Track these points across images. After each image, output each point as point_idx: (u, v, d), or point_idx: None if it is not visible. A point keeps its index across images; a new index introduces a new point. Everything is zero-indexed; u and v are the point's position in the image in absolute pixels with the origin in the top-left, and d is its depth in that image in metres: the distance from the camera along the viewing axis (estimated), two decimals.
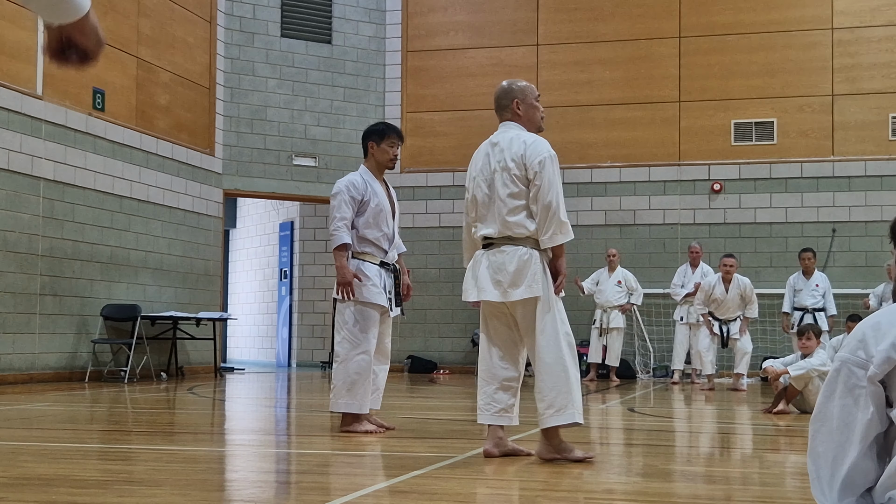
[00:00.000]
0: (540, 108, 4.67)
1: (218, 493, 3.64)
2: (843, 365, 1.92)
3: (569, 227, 4.48)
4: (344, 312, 5.64)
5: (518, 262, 4.45)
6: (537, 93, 4.70)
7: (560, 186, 4.47)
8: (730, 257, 11.23)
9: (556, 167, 4.46)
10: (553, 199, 4.39)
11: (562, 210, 4.42)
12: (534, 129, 4.64)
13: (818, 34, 13.46)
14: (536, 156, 4.43)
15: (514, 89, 4.66)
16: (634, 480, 4.01)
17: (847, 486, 1.90)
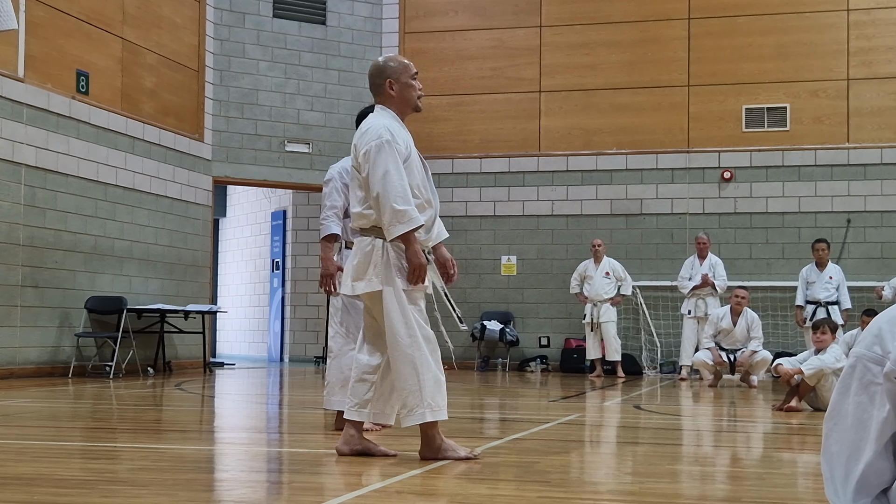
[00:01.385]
0: (416, 86, 4.47)
1: (206, 493, 3.62)
2: (858, 361, 1.87)
3: (409, 214, 4.16)
4: (336, 305, 5.57)
5: (360, 255, 4.34)
6: (414, 70, 4.49)
7: (394, 173, 4.18)
8: (742, 289, 10.93)
9: (388, 154, 4.21)
10: (380, 188, 4.18)
11: (393, 197, 4.16)
12: (410, 109, 4.48)
13: (833, 16, 13.21)
14: (364, 145, 4.28)
15: (387, 68, 4.46)
16: (640, 480, 3.98)
17: (862, 486, 1.86)
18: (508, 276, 14.08)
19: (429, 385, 4.21)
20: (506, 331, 13.59)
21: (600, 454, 5.21)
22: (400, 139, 4.28)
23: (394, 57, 4.53)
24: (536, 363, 13.67)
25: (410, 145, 4.35)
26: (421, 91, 4.50)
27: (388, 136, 4.23)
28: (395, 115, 4.41)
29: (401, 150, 4.25)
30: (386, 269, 4.25)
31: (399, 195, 4.16)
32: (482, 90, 14.19)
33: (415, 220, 4.17)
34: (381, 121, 4.33)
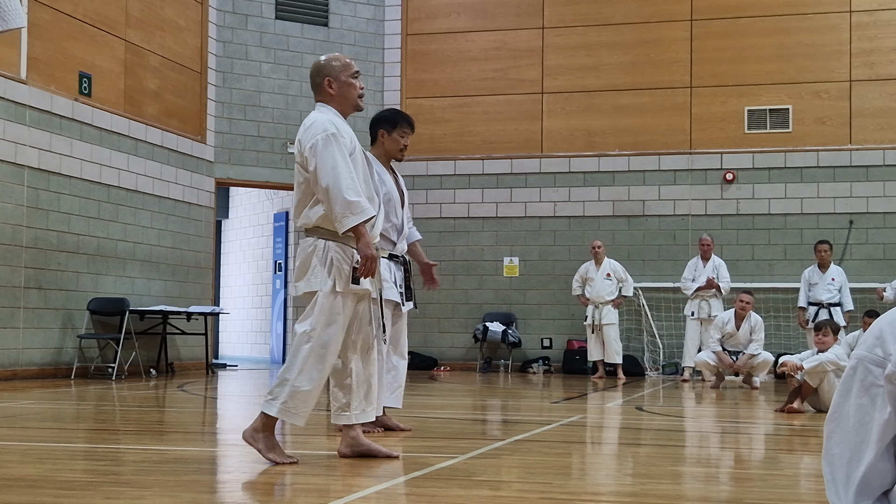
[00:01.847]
0: (357, 85, 4.42)
1: (209, 495, 3.61)
2: (859, 363, 1.87)
3: (360, 205, 4.12)
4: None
5: (303, 255, 4.29)
6: (354, 69, 4.44)
7: (342, 166, 4.13)
8: (748, 294, 10.92)
9: (335, 147, 4.16)
10: (330, 181, 4.12)
11: (344, 189, 4.10)
12: (350, 108, 4.42)
13: (835, 17, 13.18)
14: (309, 140, 4.21)
15: (326, 66, 4.41)
16: (642, 481, 3.97)
17: (863, 488, 1.86)
18: (511, 278, 14.08)
19: (298, 387, 4.17)
20: (508, 332, 13.59)
21: (602, 455, 5.21)
22: (345, 133, 4.25)
23: (335, 56, 4.47)
24: (538, 364, 13.66)
25: (354, 141, 4.32)
26: (362, 90, 4.45)
27: (332, 129, 4.18)
28: (336, 113, 4.37)
29: (346, 143, 4.21)
30: (325, 270, 4.20)
31: (349, 187, 4.10)
32: (484, 91, 14.19)
33: (366, 210, 4.12)
34: (324, 116, 4.28)
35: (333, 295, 4.19)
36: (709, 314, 11.97)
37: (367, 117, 14.36)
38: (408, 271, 5.73)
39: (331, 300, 4.19)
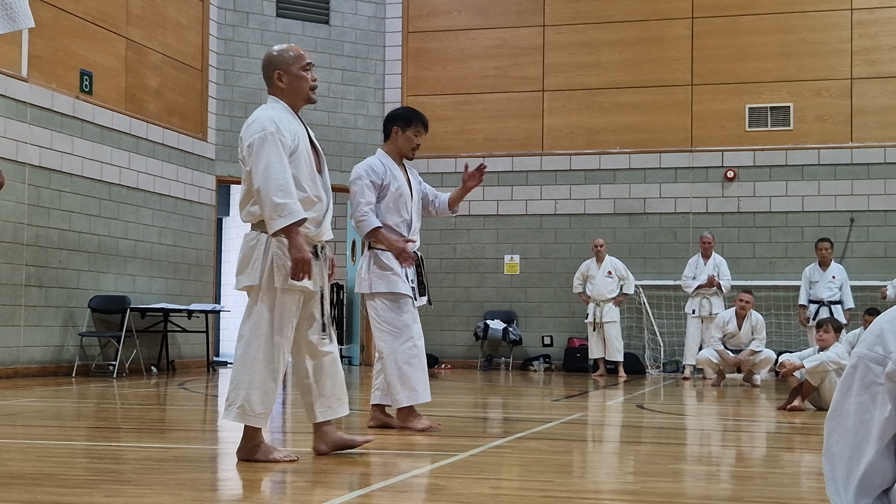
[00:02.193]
0: (308, 77, 4.32)
1: (210, 492, 3.60)
2: (859, 361, 1.88)
3: (289, 208, 4.03)
4: (377, 307, 5.55)
5: (245, 249, 4.23)
6: (306, 60, 4.33)
7: (276, 166, 4.06)
8: (747, 293, 10.91)
9: (271, 146, 4.08)
10: (261, 182, 4.05)
11: (273, 191, 4.03)
12: (301, 101, 4.34)
13: (836, 15, 13.17)
14: (248, 138, 4.14)
15: (276, 59, 4.32)
16: (642, 479, 3.98)
17: (863, 486, 1.86)
18: (511, 276, 14.07)
19: (251, 388, 4.13)
20: (509, 330, 13.58)
21: (603, 453, 5.21)
22: (287, 131, 4.15)
23: (287, 47, 4.37)
24: (539, 362, 13.66)
25: (300, 137, 4.22)
26: (314, 82, 4.35)
27: (272, 128, 4.09)
28: (286, 106, 4.29)
29: (286, 142, 4.12)
30: (265, 265, 4.15)
31: (280, 188, 4.02)
32: (485, 89, 14.18)
33: (295, 213, 4.02)
34: (267, 113, 4.20)
35: (273, 291, 4.14)
36: (710, 312, 11.98)
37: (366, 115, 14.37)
38: (420, 266, 5.71)
39: (271, 296, 4.14)
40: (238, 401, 4.14)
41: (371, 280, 5.55)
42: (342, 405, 4.41)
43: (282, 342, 4.16)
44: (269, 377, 4.15)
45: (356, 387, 10.56)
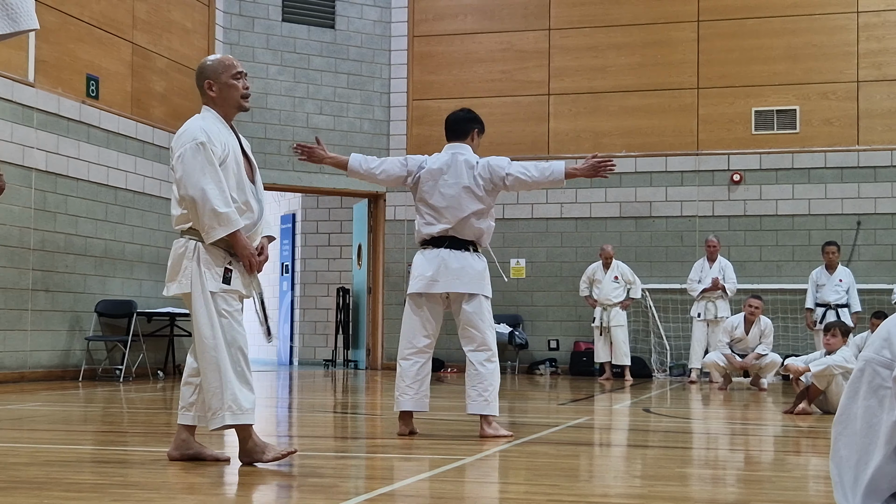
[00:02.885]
0: (239, 85, 4.33)
1: (217, 497, 3.62)
2: (867, 365, 1.87)
3: (229, 216, 4.10)
4: (490, 310, 5.64)
5: (174, 256, 4.26)
6: (236, 69, 4.35)
7: (209, 177, 4.09)
8: (756, 299, 10.89)
9: (202, 157, 4.11)
10: (196, 193, 4.09)
11: (212, 200, 4.07)
12: (233, 110, 4.36)
13: (843, 17, 13.13)
14: (178, 148, 4.18)
15: (206, 68, 4.38)
16: (649, 483, 3.97)
17: (871, 491, 1.85)
18: (517, 279, 14.06)
19: (230, 388, 4.13)
20: (515, 334, 13.57)
21: (610, 457, 5.20)
22: (217, 141, 4.18)
23: (218, 57, 4.40)
24: (546, 366, 13.64)
25: (230, 147, 4.24)
26: (246, 90, 4.36)
27: (203, 137, 4.13)
28: (219, 116, 4.31)
29: (217, 151, 4.15)
30: (196, 271, 4.17)
31: (217, 197, 4.07)
32: (491, 93, 14.17)
33: (234, 222, 4.10)
34: (197, 123, 4.23)
35: (207, 295, 4.14)
36: (715, 315, 11.97)
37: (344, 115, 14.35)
38: None
39: (207, 299, 4.14)
40: (221, 407, 4.12)
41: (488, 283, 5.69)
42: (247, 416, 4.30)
43: (236, 339, 4.17)
44: (241, 375, 4.16)
45: (361, 391, 10.55)
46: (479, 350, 5.53)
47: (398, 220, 14.36)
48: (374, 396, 9.58)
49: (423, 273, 5.56)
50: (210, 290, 4.15)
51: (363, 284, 14.80)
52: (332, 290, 16.03)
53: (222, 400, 4.12)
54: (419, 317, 5.59)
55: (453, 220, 5.54)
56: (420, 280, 5.57)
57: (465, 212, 5.53)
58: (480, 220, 5.60)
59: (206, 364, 4.16)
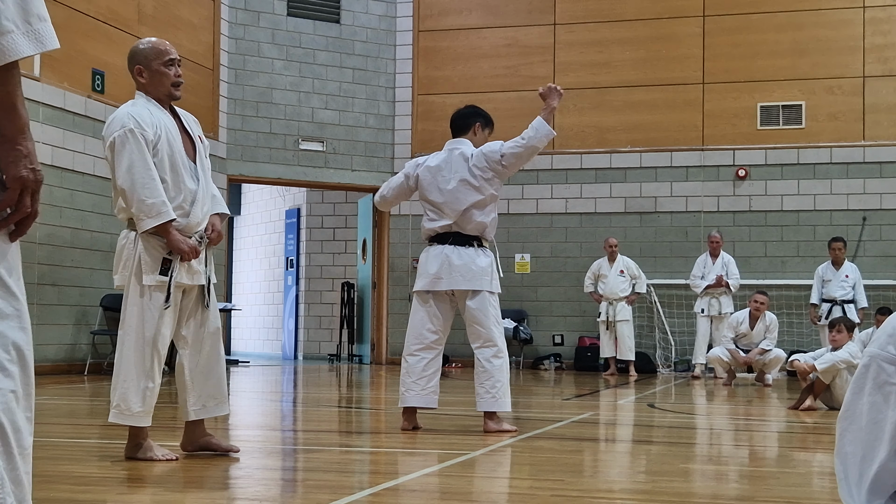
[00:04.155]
0: (170, 72, 4.18)
1: (222, 490, 3.61)
2: (872, 361, 1.87)
3: (157, 207, 4.01)
4: (496, 306, 5.64)
5: (117, 248, 4.23)
6: (168, 56, 4.19)
7: (139, 165, 4.02)
8: (762, 294, 10.89)
9: (131, 144, 4.02)
10: (126, 183, 4.02)
11: (140, 190, 4.00)
12: (164, 97, 4.20)
13: (849, 12, 13.10)
14: (108, 137, 4.09)
15: (136, 53, 4.22)
16: (654, 479, 3.97)
17: (876, 487, 1.85)
18: (522, 275, 14.06)
19: (126, 387, 4.08)
20: (520, 329, 13.57)
21: (614, 452, 5.20)
22: (148, 125, 4.07)
23: (151, 42, 4.25)
24: (550, 361, 13.65)
25: (163, 129, 4.13)
26: (178, 78, 4.21)
27: (131, 124, 4.04)
28: (150, 100, 4.20)
29: (147, 135, 4.07)
30: (133, 262, 4.12)
31: (146, 187, 4.00)
32: (496, 88, 14.15)
33: (164, 213, 4.02)
34: (126, 109, 4.15)
35: (142, 288, 4.11)
36: (719, 311, 11.97)
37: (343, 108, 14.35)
38: None
39: (140, 294, 4.11)
40: (115, 401, 4.10)
41: (494, 278, 5.68)
42: (218, 404, 4.35)
43: (154, 338, 4.11)
44: (144, 375, 4.10)
45: (365, 385, 10.57)
46: (484, 347, 5.53)
47: (403, 215, 14.36)
48: (379, 391, 9.59)
49: (427, 270, 5.59)
50: (146, 283, 4.09)
51: (368, 279, 14.81)
52: (336, 285, 16.04)
53: (115, 396, 4.10)
54: (426, 312, 5.60)
55: (454, 215, 5.55)
56: (424, 277, 5.59)
57: (464, 204, 5.53)
58: (482, 213, 5.59)
59: (118, 355, 4.14)
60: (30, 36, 1.68)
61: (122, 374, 4.10)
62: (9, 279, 1.72)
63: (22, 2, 1.68)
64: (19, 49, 1.66)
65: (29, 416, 1.75)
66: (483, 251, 5.66)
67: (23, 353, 1.75)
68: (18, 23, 1.67)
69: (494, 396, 5.42)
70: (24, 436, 1.74)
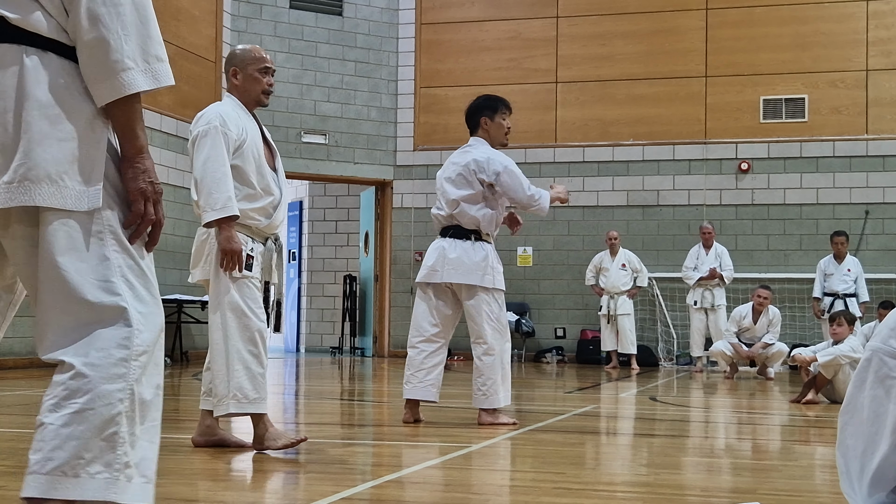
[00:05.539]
0: (264, 81, 4.34)
1: (225, 482, 3.63)
2: (874, 354, 1.88)
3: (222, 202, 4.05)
4: (492, 303, 5.60)
5: (197, 242, 4.32)
6: (264, 64, 4.33)
7: (214, 160, 4.10)
8: (765, 289, 10.88)
9: (213, 140, 4.12)
10: (199, 174, 4.12)
11: (209, 184, 4.07)
12: (252, 103, 4.36)
13: (852, 5, 13.07)
14: (193, 131, 4.23)
15: (234, 56, 4.39)
16: (655, 471, 3.98)
17: (877, 480, 1.86)
18: (524, 268, 14.06)
19: (236, 376, 4.13)
20: (522, 322, 13.58)
21: (616, 445, 5.21)
22: (234, 126, 4.19)
23: (250, 48, 4.39)
24: (552, 354, 13.66)
25: (248, 133, 4.24)
26: (270, 87, 4.37)
27: (216, 122, 4.14)
28: (239, 103, 4.33)
29: (231, 136, 4.16)
30: (214, 257, 4.20)
31: (216, 180, 4.07)
32: (498, 81, 14.13)
33: (227, 208, 4.06)
34: (216, 108, 4.26)
35: (226, 281, 4.16)
36: (712, 304, 12.00)
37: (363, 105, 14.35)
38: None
39: (228, 285, 4.16)
40: (227, 395, 4.13)
41: (493, 275, 5.62)
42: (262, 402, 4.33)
43: (250, 325, 4.18)
44: (254, 361, 4.17)
45: (368, 378, 10.58)
46: (476, 343, 5.59)
47: (405, 208, 14.36)
48: (381, 384, 9.60)
49: (426, 262, 5.68)
50: (234, 275, 4.17)
51: (370, 272, 14.82)
52: (338, 278, 16.05)
53: (228, 387, 4.13)
54: (426, 304, 5.63)
55: (444, 204, 5.65)
56: (423, 269, 5.69)
57: (450, 195, 5.60)
58: (474, 208, 5.60)
59: (215, 350, 4.19)
60: (147, 73, 1.97)
61: (231, 364, 4.14)
62: (147, 271, 2.07)
63: (143, 43, 1.98)
64: (137, 84, 1.95)
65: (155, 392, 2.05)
66: (480, 245, 5.65)
67: (156, 332, 2.07)
68: (138, 61, 1.96)
69: (485, 394, 5.47)
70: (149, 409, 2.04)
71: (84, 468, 1.93)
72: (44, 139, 1.91)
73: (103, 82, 1.93)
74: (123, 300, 1.99)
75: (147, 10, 2.01)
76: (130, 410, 1.98)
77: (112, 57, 1.92)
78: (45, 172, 1.91)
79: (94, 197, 1.96)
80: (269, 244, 4.39)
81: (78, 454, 1.93)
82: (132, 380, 1.98)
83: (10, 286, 2.15)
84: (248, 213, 4.24)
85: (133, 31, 1.96)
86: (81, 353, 1.94)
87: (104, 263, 1.98)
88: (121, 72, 1.93)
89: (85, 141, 1.95)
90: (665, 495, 3.37)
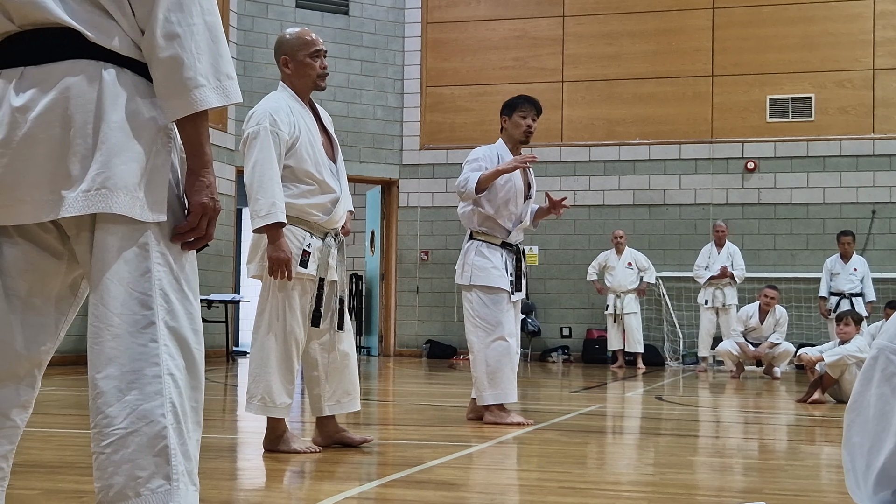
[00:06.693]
0: (316, 64, 4.19)
1: (229, 481, 3.66)
2: (880, 353, 1.88)
3: (268, 209, 3.97)
4: (472, 300, 5.52)
5: (253, 238, 4.25)
6: (315, 47, 4.19)
7: (262, 165, 4.01)
8: (773, 289, 10.88)
9: (262, 142, 4.03)
10: (248, 179, 4.05)
11: (256, 190, 3.98)
12: (307, 89, 4.23)
13: (859, 5, 13.04)
14: (246, 131, 4.13)
15: (283, 44, 4.23)
16: (661, 471, 3.97)
17: (883, 478, 1.85)
18: (531, 267, 14.05)
19: (267, 379, 4.12)
20: (528, 321, 13.57)
21: (622, 445, 5.21)
22: (285, 124, 4.08)
23: (297, 32, 4.24)
24: (558, 353, 13.65)
25: (302, 128, 4.14)
26: (324, 69, 4.22)
27: (266, 122, 4.04)
28: (293, 94, 4.21)
29: (283, 136, 4.07)
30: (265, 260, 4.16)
31: (262, 186, 3.98)
32: (505, 80, 14.13)
33: (271, 215, 3.96)
34: (267, 105, 4.14)
35: (280, 282, 4.13)
36: (723, 303, 11.97)
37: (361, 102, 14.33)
38: (520, 260, 5.69)
39: (281, 284, 4.13)
40: (258, 393, 4.13)
41: (471, 272, 5.52)
42: (352, 400, 4.38)
43: (294, 331, 4.15)
44: (287, 368, 4.15)
45: (374, 377, 10.59)
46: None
47: (411, 207, 14.37)
48: (387, 383, 9.61)
49: None
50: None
51: (376, 271, 14.82)
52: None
53: (257, 388, 4.14)
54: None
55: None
56: None
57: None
58: (461, 205, 5.65)
59: (254, 347, 4.18)
60: (219, 91, 2.05)
61: (265, 367, 4.13)
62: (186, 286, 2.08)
63: (214, 62, 2.05)
64: (209, 101, 2.03)
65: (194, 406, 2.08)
66: (471, 243, 5.62)
67: (190, 348, 2.07)
68: (210, 78, 2.03)
69: (477, 390, 5.52)
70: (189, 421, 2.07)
71: (144, 485, 2.01)
72: (121, 151, 1.99)
73: (176, 98, 2.01)
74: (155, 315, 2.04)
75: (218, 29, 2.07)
76: (175, 423, 2.04)
77: (186, 74, 2.00)
78: (122, 182, 1.98)
79: (159, 208, 2.03)
80: (328, 240, 4.25)
81: (134, 475, 2.00)
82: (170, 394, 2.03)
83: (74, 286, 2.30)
84: (307, 209, 4.16)
85: (206, 49, 2.03)
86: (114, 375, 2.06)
87: (145, 276, 2.04)
88: (194, 89, 2.00)
89: (154, 154, 2.04)
90: (671, 495, 3.36)
